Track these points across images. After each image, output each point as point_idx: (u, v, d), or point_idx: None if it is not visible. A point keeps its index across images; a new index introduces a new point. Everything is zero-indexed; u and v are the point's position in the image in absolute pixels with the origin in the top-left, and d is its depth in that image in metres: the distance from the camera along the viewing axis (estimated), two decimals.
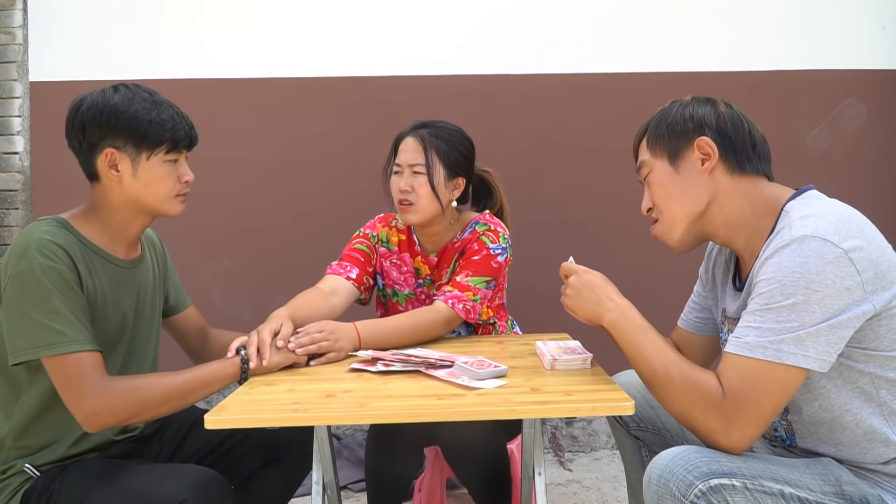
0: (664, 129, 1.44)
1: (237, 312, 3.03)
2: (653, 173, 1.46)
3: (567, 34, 3.07)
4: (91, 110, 1.50)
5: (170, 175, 1.56)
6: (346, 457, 2.95)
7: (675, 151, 1.42)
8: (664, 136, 1.44)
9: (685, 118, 1.42)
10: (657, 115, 1.48)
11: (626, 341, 1.38)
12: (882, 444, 1.26)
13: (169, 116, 1.53)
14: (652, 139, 1.46)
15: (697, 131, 1.40)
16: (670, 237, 1.46)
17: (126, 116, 1.49)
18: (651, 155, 1.46)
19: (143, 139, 1.51)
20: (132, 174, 1.53)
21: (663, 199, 1.44)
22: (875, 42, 3.13)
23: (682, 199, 1.42)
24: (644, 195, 1.51)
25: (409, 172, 1.96)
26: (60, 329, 1.40)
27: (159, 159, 1.54)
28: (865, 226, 1.25)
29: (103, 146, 1.51)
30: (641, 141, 1.51)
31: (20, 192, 3.08)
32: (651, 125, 1.48)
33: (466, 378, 1.42)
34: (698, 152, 1.40)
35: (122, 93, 1.52)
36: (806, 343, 1.18)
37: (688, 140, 1.41)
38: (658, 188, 1.45)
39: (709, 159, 1.39)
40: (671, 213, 1.43)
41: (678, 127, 1.42)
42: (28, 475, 1.48)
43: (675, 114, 1.44)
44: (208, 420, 1.24)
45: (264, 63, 3.06)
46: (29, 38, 3.08)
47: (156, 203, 1.57)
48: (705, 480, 1.15)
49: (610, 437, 3.14)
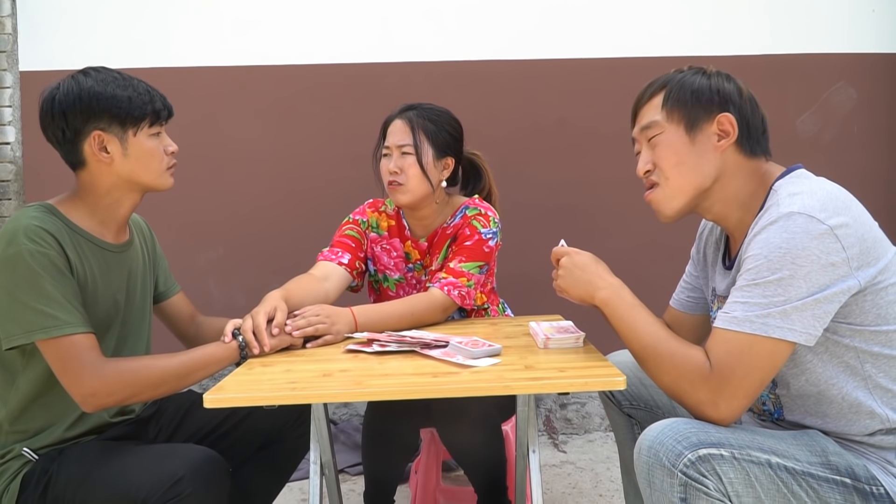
0: (688, 94, 1.39)
1: (232, 299, 3.04)
2: (664, 136, 1.40)
3: (557, 19, 3.08)
4: (69, 97, 1.50)
5: (158, 148, 1.57)
6: (342, 441, 2.97)
7: (694, 121, 1.38)
8: (687, 102, 1.38)
9: (711, 90, 1.38)
10: (677, 79, 1.41)
11: (618, 318, 1.40)
12: (867, 416, 1.29)
13: (144, 90, 1.55)
14: (672, 101, 1.40)
15: (722, 106, 1.37)
16: (669, 206, 1.43)
17: (105, 97, 1.50)
18: (666, 117, 1.40)
19: (127, 116, 1.51)
20: (122, 153, 1.53)
21: (673, 167, 1.40)
22: (865, 25, 3.15)
23: (693, 171, 1.38)
24: (643, 156, 1.45)
25: (398, 154, 1.97)
26: (53, 313, 1.41)
27: (145, 134, 1.55)
28: (852, 203, 1.27)
29: (89, 130, 1.51)
30: (652, 99, 1.43)
31: (12, 183, 3.08)
32: (673, 87, 1.41)
33: (461, 357, 1.44)
34: (717, 127, 1.37)
35: (93, 76, 1.52)
36: (792, 317, 1.21)
37: (709, 113, 1.37)
38: (669, 153, 1.40)
39: (726, 137, 1.37)
40: (678, 183, 1.40)
41: (703, 97, 1.38)
42: (27, 458, 1.49)
43: (700, 83, 1.39)
44: (207, 399, 1.26)
45: (256, 51, 3.06)
46: (18, 27, 3.07)
47: (149, 179, 1.58)
48: (694, 450, 1.17)
49: (603, 418, 3.17)
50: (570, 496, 2.56)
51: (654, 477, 1.19)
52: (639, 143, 1.47)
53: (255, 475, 1.78)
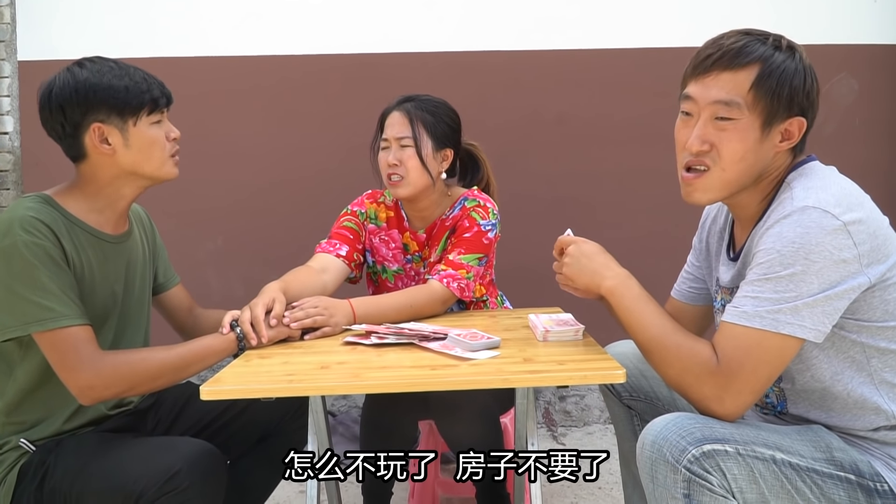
0: (785, 89, 1.25)
1: (231, 290, 3.03)
2: (738, 123, 1.26)
3: (557, 10, 3.06)
4: (65, 90, 1.48)
5: (160, 136, 1.55)
6: (341, 433, 2.97)
7: (772, 118, 1.27)
8: (779, 97, 1.25)
9: (804, 90, 1.27)
10: (778, 62, 1.25)
11: (624, 309, 1.39)
12: (872, 411, 1.28)
13: (141, 78, 1.53)
14: (764, 89, 1.25)
15: (803, 110, 1.28)
16: (711, 195, 1.33)
17: (102, 88, 1.48)
18: (751, 105, 1.25)
19: (126, 106, 1.50)
20: (124, 144, 1.52)
21: (737, 161, 1.28)
22: (867, 16, 3.12)
23: (750, 169, 1.29)
24: (701, 131, 1.29)
25: (397, 146, 1.96)
26: (49, 305, 1.40)
27: (145, 123, 1.53)
28: (865, 199, 1.27)
29: (88, 123, 1.49)
30: (741, 70, 1.25)
31: (11, 173, 3.07)
32: (771, 70, 1.25)
33: (460, 350, 1.43)
34: (786, 128, 1.29)
35: (89, 67, 1.50)
36: (803, 313, 1.19)
37: (789, 113, 1.27)
38: (738, 146, 1.27)
39: (789, 140, 1.30)
40: (732, 177, 1.30)
41: (796, 97, 1.26)
42: (24, 450, 1.49)
43: (797, 79, 1.26)
44: (204, 391, 1.25)
45: (255, 41, 3.04)
46: (17, 16, 3.05)
47: (152, 169, 1.56)
48: (698, 446, 1.16)
49: (602, 411, 3.17)
50: (568, 488, 2.56)
51: (657, 472, 1.18)
52: (696, 109, 1.30)
53: (253, 468, 1.77)
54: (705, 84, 1.28)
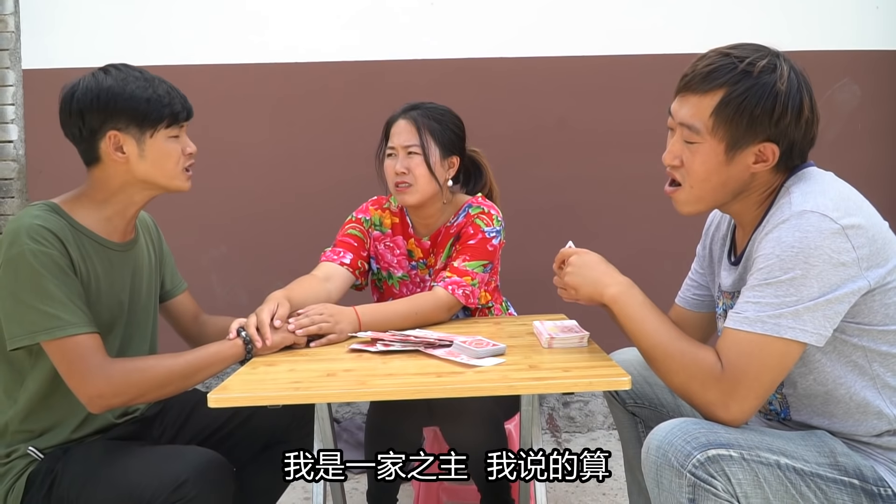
0: (746, 117, 1.25)
1: (235, 298, 3.04)
2: (700, 147, 1.30)
3: (558, 16, 3.07)
4: (87, 96, 1.49)
5: (175, 150, 1.56)
6: (345, 440, 2.97)
7: (737, 144, 1.28)
8: (739, 123, 1.26)
9: (773, 114, 1.25)
10: (742, 88, 1.25)
11: (627, 317, 1.39)
12: (875, 416, 1.28)
13: (165, 91, 1.53)
14: (724, 115, 1.26)
15: (773, 135, 1.27)
16: (688, 209, 1.38)
17: (124, 97, 1.49)
18: (711, 130, 1.28)
19: (145, 118, 1.50)
20: (139, 154, 1.52)
21: (701, 181, 1.32)
22: (869, 22, 3.13)
23: (719, 189, 1.33)
24: (673, 148, 1.35)
25: (404, 154, 1.96)
26: (56, 314, 1.40)
27: (163, 135, 1.53)
28: (863, 203, 1.28)
29: (105, 130, 1.50)
30: (706, 95, 1.28)
31: (15, 181, 3.08)
32: (734, 95, 1.25)
33: (465, 356, 1.44)
34: (759, 150, 1.29)
35: (113, 74, 1.51)
36: (804, 317, 1.20)
37: (755, 138, 1.28)
38: (699, 166, 1.31)
39: (763, 163, 1.30)
40: (699, 194, 1.34)
41: (761, 122, 1.26)
42: (32, 458, 1.49)
43: (765, 103, 1.25)
44: (212, 399, 1.26)
45: (260, 48, 3.05)
46: (21, 25, 3.06)
47: (165, 181, 1.57)
48: (703, 451, 1.17)
49: (606, 417, 3.17)
50: (573, 494, 2.55)
51: (662, 477, 1.19)
52: (674, 125, 1.36)
53: (259, 475, 1.77)
54: (680, 103, 1.34)
